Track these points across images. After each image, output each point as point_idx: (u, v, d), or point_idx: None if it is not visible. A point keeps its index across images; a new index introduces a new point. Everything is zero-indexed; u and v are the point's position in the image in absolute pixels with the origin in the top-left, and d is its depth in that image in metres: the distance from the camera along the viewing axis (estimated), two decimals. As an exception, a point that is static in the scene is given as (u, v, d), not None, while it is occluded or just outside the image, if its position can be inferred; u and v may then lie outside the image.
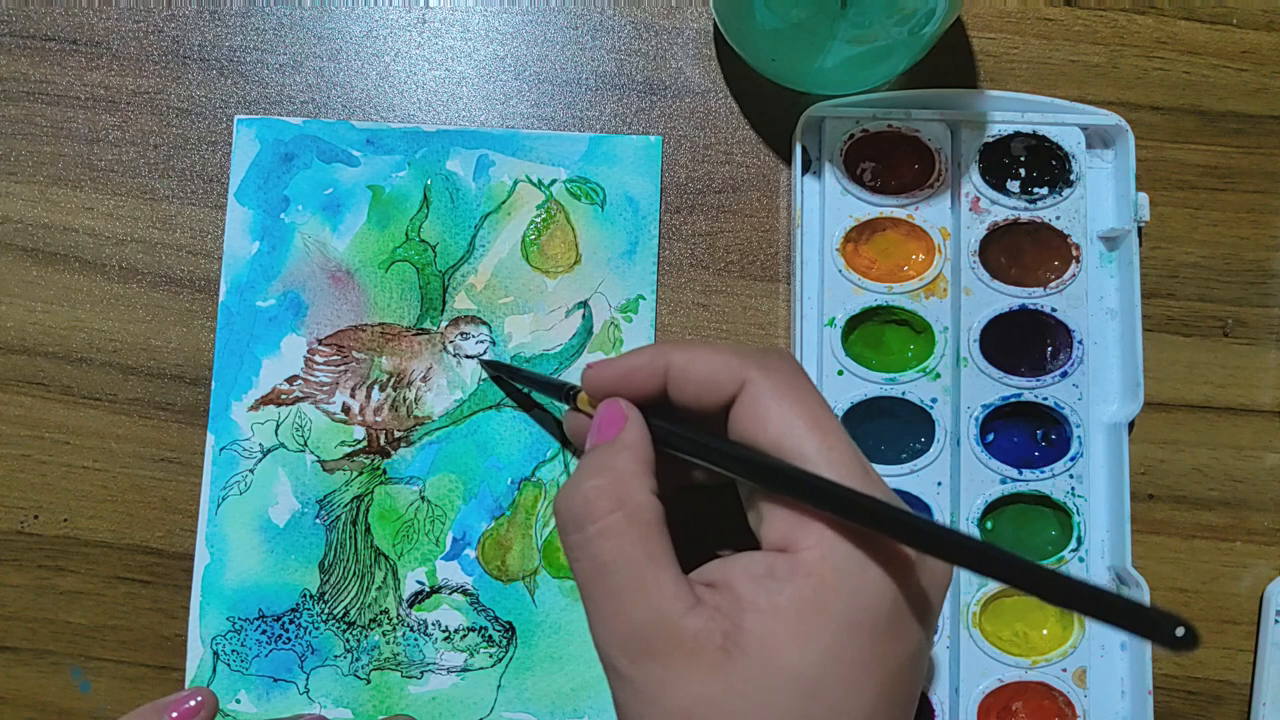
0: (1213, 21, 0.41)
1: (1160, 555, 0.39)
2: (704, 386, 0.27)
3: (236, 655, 0.37)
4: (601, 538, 0.25)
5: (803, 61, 0.36)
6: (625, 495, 0.25)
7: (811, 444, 0.24)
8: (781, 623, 0.23)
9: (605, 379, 0.29)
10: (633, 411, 0.28)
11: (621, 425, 0.27)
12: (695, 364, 0.27)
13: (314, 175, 0.39)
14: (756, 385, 0.26)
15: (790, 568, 0.23)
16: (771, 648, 0.23)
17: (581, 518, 0.25)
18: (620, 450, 0.26)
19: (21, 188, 0.39)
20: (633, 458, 0.26)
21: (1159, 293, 0.40)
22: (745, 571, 0.24)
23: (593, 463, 0.26)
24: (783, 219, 0.40)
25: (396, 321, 0.39)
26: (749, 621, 0.23)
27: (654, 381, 0.28)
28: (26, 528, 0.38)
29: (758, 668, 0.23)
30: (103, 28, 0.40)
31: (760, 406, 0.25)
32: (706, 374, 0.27)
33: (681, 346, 0.28)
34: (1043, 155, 0.39)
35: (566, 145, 0.40)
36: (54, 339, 0.39)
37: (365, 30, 0.41)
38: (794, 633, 0.23)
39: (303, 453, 0.38)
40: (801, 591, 0.23)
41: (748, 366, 0.26)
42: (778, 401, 0.25)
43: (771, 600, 0.23)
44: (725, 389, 0.26)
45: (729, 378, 0.26)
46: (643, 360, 0.28)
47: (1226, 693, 0.38)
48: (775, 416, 0.25)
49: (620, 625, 0.24)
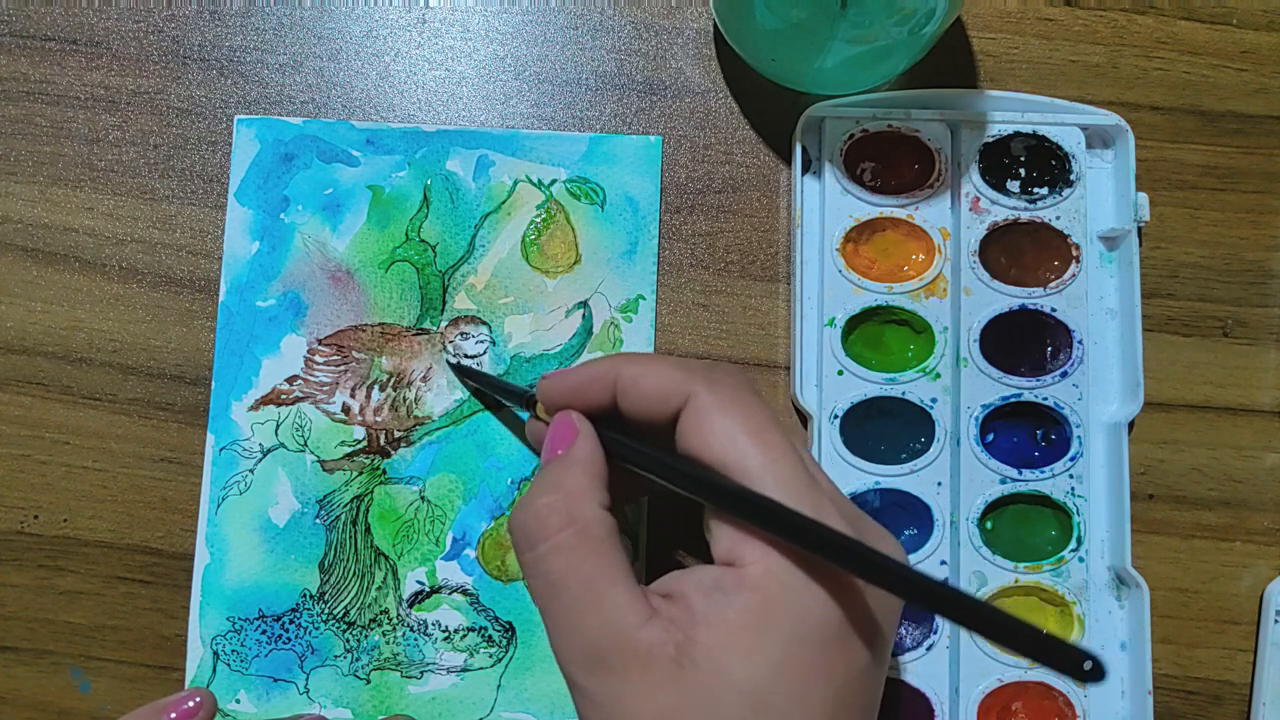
0: (1213, 21, 0.41)
1: (1160, 555, 0.39)
2: (652, 400, 0.27)
3: (236, 655, 0.37)
4: (553, 555, 0.25)
5: (803, 61, 0.36)
6: (575, 512, 0.25)
7: (754, 458, 0.25)
8: (730, 636, 0.23)
9: (559, 390, 0.29)
10: (584, 425, 0.28)
11: (573, 438, 0.28)
12: (644, 377, 0.27)
13: (314, 175, 0.39)
14: (701, 399, 0.26)
15: (737, 582, 0.24)
16: (721, 660, 0.23)
17: (533, 536, 0.25)
18: (570, 466, 0.27)
19: (21, 188, 0.39)
20: (583, 473, 0.27)
21: (1159, 293, 0.40)
22: (697, 584, 0.25)
23: (544, 480, 0.27)
24: (783, 219, 0.40)
25: (396, 321, 0.39)
26: (700, 634, 0.23)
27: (605, 394, 0.28)
28: (26, 528, 0.38)
29: (709, 680, 0.23)
30: (103, 28, 0.40)
31: (705, 420, 0.26)
32: (654, 387, 0.27)
33: (633, 360, 0.28)
34: (1043, 155, 0.39)
35: (566, 145, 0.40)
36: (54, 339, 0.39)
37: (365, 30, 0.41)
38: (742, 645, 0.23)
39: (303, 453, 0.38)
40: (748, 605, 0.23)
41: (693, 381, 0.26)
42: (722, 415, 0.26)
43: (720, 614, 0.24)
44: (671, 402, 0.27)
45: (675, 391, 0.26)
46: (595, 372, 0.28)
47: (1226, 693, 0.38)
48: (719, 430, 0.25)
49: (576, 640, 0.24)
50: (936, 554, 0.37)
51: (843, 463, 0.37)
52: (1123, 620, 0.38)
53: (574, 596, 0.25)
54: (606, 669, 0.24)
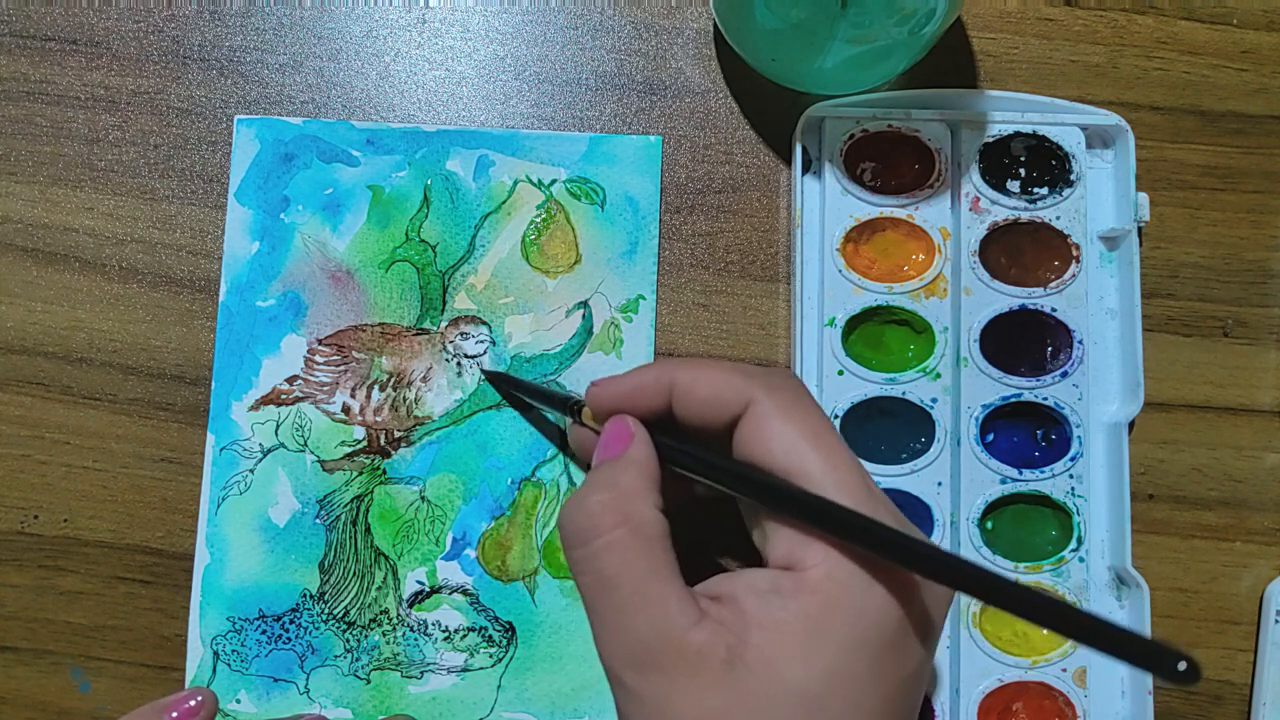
0: (1213, 21, 0.41)
1: (1160, 555, 0.39)
2: (709, 405, 0.27)
3: (236, 655, 0.37)
4: (606, 552, 0.25)
5: (803, 61, 0.36)
6: (630, 511, 0.25)
7: (815, 464, 0.25)
8: (786, 639, 0.23)
9: (610, 396, 0.29)
10: (639, 429, 0.28)
11: (628, 442, 0.27)
12: (701, 383, 0.27)
13: (314, 175, 0.39)
14: (761, 405, 0.26)
15: (795, 585, 0.24)
16: (775, 663, 0.23)
17: (586, 532, 0.25)
18: (626, 467, 0.27)
19: (21, 188, 0.39)
20: (638, 474, 0.26)
21: (1159, 293, 0.40)
22: (751, 587, 0.24)
23: (598, 479, 0.26)
24: (783, 219, 0.40)
25: (396, 321, 0.39)
26: (754, 636, 0.23)
27: (659, 399, 0.28)
28: (26, 528, 0.38)
29: (761, 682, 0.23)
30: (103, 28, 0.40)
31: (765, 426, 0.26)
32: (712, 393, 0.27)
33: (687, 365, 0.28)
34: (1043, 155, 0.39)
35: (566, 145, 0.40)
36: (54, 339, 0.39)
37: (365, 30, 0.41)
38: (798, 649, 0.23)
39: (303, 453, 0.38)
40: (806, 609, 0.23)
41: (753, 386, 0.26)
42: (782, 421, 0.25)
43: (776, 616, 0.23)
44: (730, 408, 0.26)
45: (734, 397, 0.26)
46: (648, 378, 0.28)
47: (1226, 693, 0.38)
48: (780, 436, 0.25)
49: (625, 639, 0.24)
50: (936, 554, 0.37)
51: (843, 463, 0.37)
52: (1123, 620, 0.38)
53: (625, 595, 0.24)
54: (655, 669, 0.24)
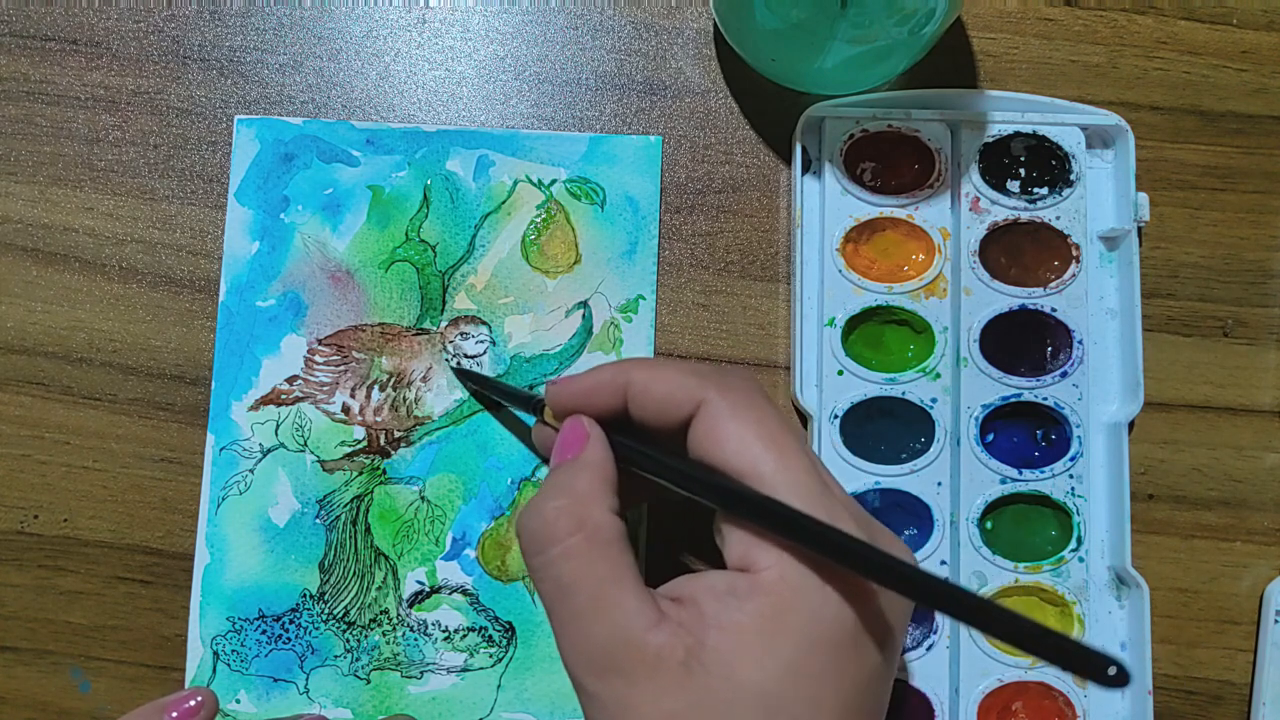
0: (1213, 21, 0.41)
1: (1160, 555, 0.39)
2: (663, 405, 0.27)
3: (236, 655, 0.37)
4: (563, 559, 0.25)
5: (803, 61, 0.36)
6: (585, 516, 0.25)
7: (768, 464, 0.25)
8: (743, 640, 0.23)
9: (567, 395, 0.29)
10: (595, 429, 0.28)
11: (583, 444, 0.27)
12: (654, 383, 0.27)
13: (314, 175, 0.39)
14: (713, 405, 0.26)
15: (750, 587, 0.24)
16: (733, 664, 0.23)
17: (543, 539, 0.25)
18: (581, 470, 0.27)
19: (21, 188, 0.39)
20: (593, 477, 0.26)
21: (1159, 293, 0.40)
22: (709, 588, 0.24)
23: (554, 483, 0.27)
24: (783, 219, 0.40)
25: (396, 321, 0.39)
26: (711, 638, 0.23)
27: (615, 399, 0.28)
28: (26, 528, 0.38)
29: (720, 684, 0.23)
30: (103, 28, 0.40)
31: (717, 427, 0.26)
32: (665, 393, 0.27)
33: (643, 365, 0.28)
34: (1043, 155, 0.39)
35: (566, 145, 0.40)
36: (54, 339, 0.39)
37: (365, 30, 0.41)
38: (755, 650, 0.23)
39: (303, 453, 0.38)
40: (761, 609, 0.23)
41: (705, 387, 0.26)
42: (735, 421, 0.26)
43: (732, 618, 0.24)
44: (683, 408, 0.27)
45: (686, 397, 0.26)
46: (604, 378, 0.28)
47: (1226, 693, 0.38)
48: (732, 437, 0.25)
49: (584, 644, 0.24)
50: (936, 554, 0.37)
51: (843, 463, 0.37)
52: (1123, 620, 0.38)
53: (583, 601, 0.25)
54: (615, 673, 0.24)
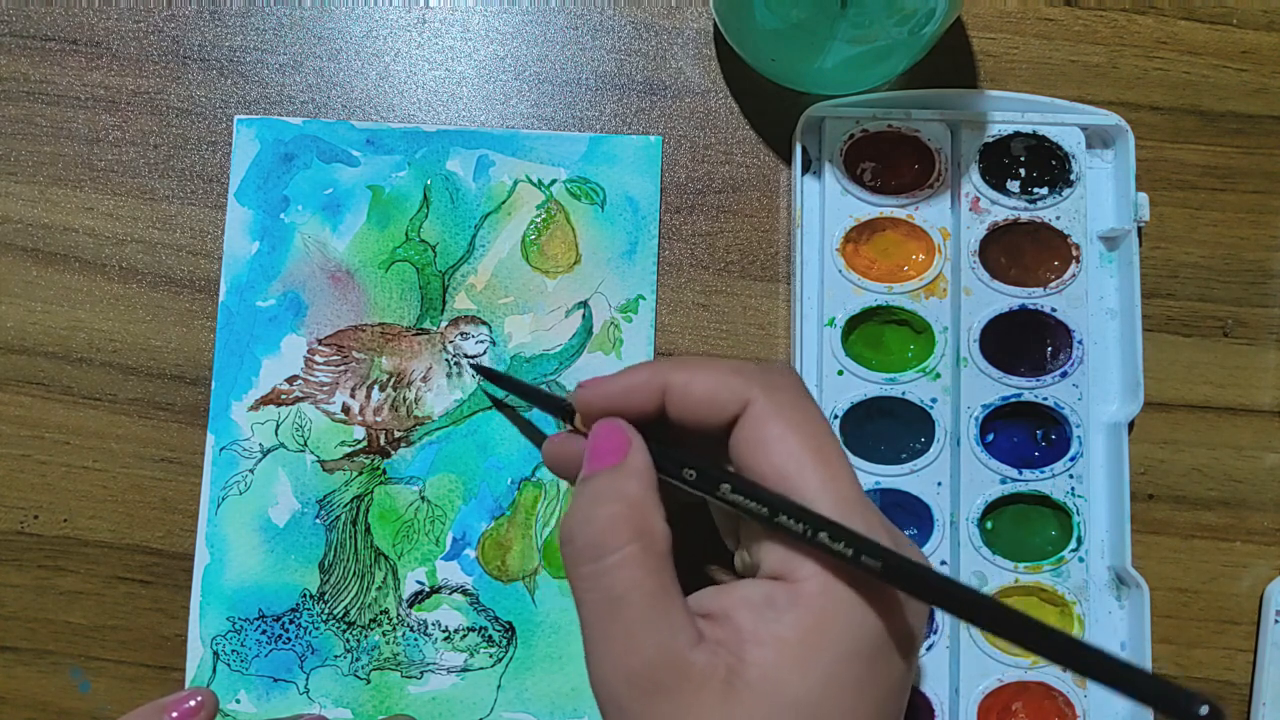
0: (1213, 21, 0.41)
1: (1160, 555, 0.39)
2: (705, 406, 0.26)
3: (236, 655, 0.37)
4: (619, 569, 0.24)
5: (803, 61, 0.36)
6: (643, 524, 0.24)
7: (815, 477, 0.24)
8: (783, 653, 0.23)
9: (600, 398, 0.27)
10: (635, 435, 0.26)
11: (626, 449, 0.26)
12: (696, 383, 0.26)
13: (314, 175, 0.39)
14: (760, 406, 0.25)
15: (790, 598, 0.23)
16: (774, 678, 0.23)
17: (599, 547, 0.24)
18: (630, 476, 0.25)
19: (21, 188, 0.39)
20: (642, 483, 0.25)
21: (1159, 293, 0.40)
22: (744, 601, 0.24)
23: (603, 489, 0.25)
24: (783, 219, 0.40)
25: (396, 321, 0.39)
26: (751, 653, 0.23)
27: (651, 402, 0.27)
28: (26, 528, 0.38)
29: (762, 699, 0.23)
30: (103, 28, 0.40)
31: (763, 431, 0.25)
32: (707, 393, 0.26)
33: (681, 364, 0.26)
34: (1043, 155, 0.39)
35: (566, 145, 0.40)
36: (54, 339, 0.39)
37: (365, 30, 0.41)
38: (795, 662, 0.23)
39: (303, 453, 0.38)
40: (802, 620, 0.23)
41: (751, 386, 0.25)
42: (781, 427, 0.25)
43: (772, 630, 0.23)
44: (727, 409, 0.25)
45: (731, 397, 0.25)
46: (640, 379, 0.27)
47: (1226, 693, 0.38)
48: (778, 441, 0.24)
49: (630, 660, 0.23)
50: (937, 554, 0.37)
51: (843, 463, 0.37)
52: (1123, 620, 0.38)
53: (635, 614, 0.23)
54: (660, 692, 0.23)
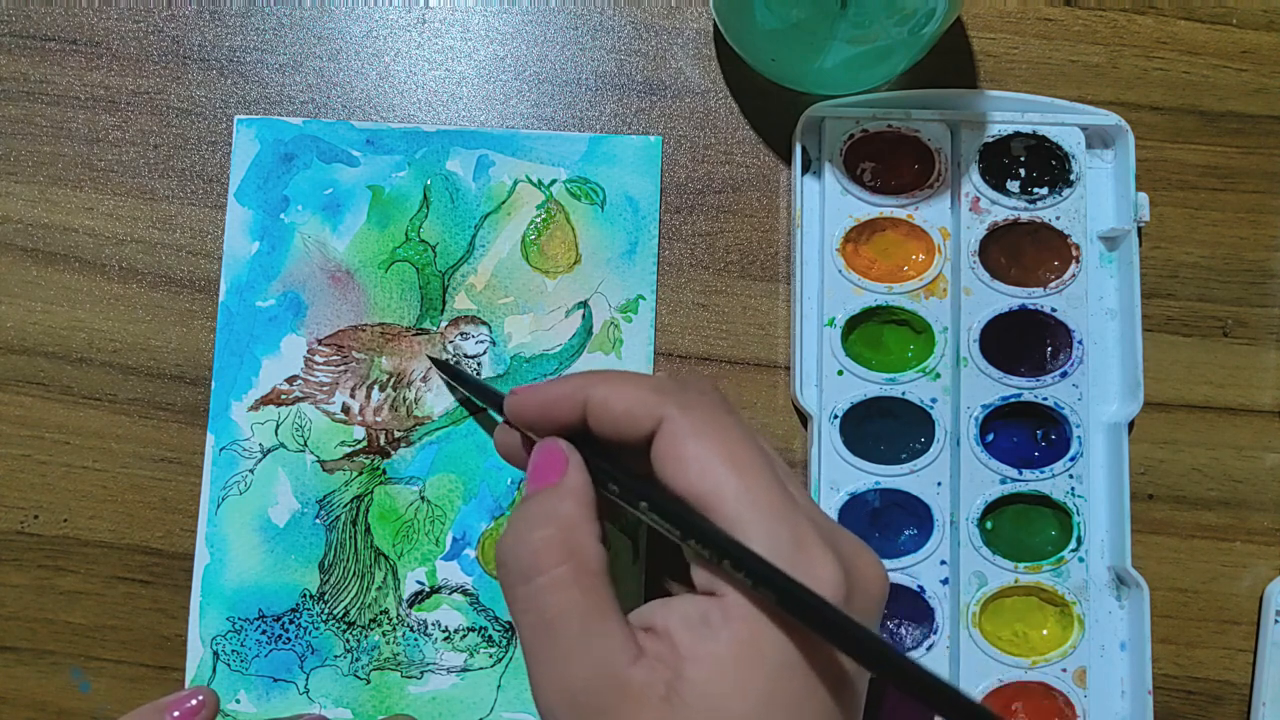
0: (1213, 21, 0.41)
1: (1160, 555, 0.39)
2: (623, 421, 0.26)
3: (236, 655, 0.37)
4: (550, 590, 0.24)
5: (803, 61, 0.36)
6: (574, 545, 0.25)
7: (730, 485, 0.24)
8: (720, 670, 0.23)
9: (527, 407, 0.28)
10: (573, 454, 0.27)
11: (563, 468, 0.26)
12: (614, 399, 0.26)
13: (314, 175, 0.39)
14: (674, 423, 0.25)
15: (722, 615, 0.23)
16: (713, 696, 0.23)
17: (529, 569, 0.24)
18: (564, 496, 0.26)
19: (21, 188, 0.39)
20: (577, 503, 0.25)
21: (1159, 293, 0.40)
22: (682, 618, 0.24)
23: (535, 510, 0.26)
24: (783, 219, 0.40)
25: (396, 321, 0.39)
26: (689, 670, 0.23)
27: (575, 413, 0.27)
28: (26, 528, 0.38)
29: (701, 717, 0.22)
30: (103, 28, 0.40)
31: (677, 446, 0.25)
32: (624, 409, 0.26)
33: (604, 379, 0.27)
34: (1043, 155, 0.39)
35: (566, 145, 0.40)
36: (54, 339, 0.39)
37: (365, 30, 0.41)
38: (733, 679, 0.23)
39: (303, 453, 0.38)
40: (736, 637, 0.23)
41: (665, 403, 0.25)
42: (695, 440, 0.25)
43: (707, 648, 0.23)
44: (643, 425, 0.25)
45: (646, 414, 0.25)
46: (564, 390, 0.27)
47: (1226, 693, 0.38)
48: (693, 457, 0.24)
49: (567, 681, 0.23)
50: (936, 554, 0.37)
51: (843, 463, 0.37)
52: (1123, 620, 0.38)
53: (569, 634, 0.24)
54: (596, 711, 0.23)
